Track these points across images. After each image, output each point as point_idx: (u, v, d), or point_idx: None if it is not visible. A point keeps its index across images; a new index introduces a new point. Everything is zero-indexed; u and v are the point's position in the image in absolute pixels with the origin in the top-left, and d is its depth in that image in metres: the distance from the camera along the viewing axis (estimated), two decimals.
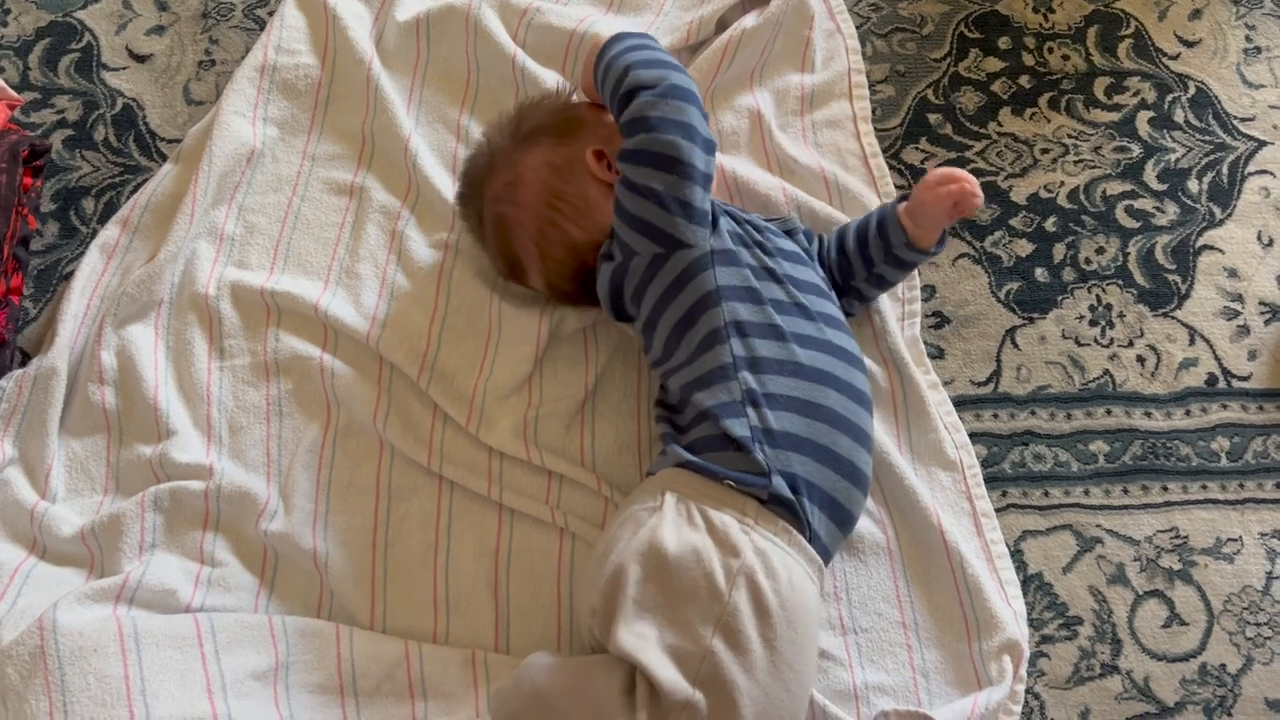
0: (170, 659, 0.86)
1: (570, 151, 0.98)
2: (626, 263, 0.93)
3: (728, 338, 0.88)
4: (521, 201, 0.97)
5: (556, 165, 0.97)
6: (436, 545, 0.97)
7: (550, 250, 0.98)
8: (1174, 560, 0.98)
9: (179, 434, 0.99)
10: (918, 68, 1.20)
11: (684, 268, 0.90)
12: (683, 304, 0.90)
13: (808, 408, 0.87)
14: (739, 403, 0.86)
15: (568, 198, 0.96)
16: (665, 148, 0.89)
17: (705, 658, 0.77)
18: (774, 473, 0.84)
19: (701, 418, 0.88)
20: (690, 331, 0.90)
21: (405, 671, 0.90)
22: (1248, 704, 0.93)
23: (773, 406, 0.86)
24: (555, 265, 0.98)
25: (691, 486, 0.84)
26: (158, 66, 1.19)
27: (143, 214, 1.09)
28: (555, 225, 0.97)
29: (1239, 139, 1.17)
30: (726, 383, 0.87)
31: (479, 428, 0.99)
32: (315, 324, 1.04)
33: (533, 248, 0.98)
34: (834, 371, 0.89)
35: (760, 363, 0.87)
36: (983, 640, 0.92)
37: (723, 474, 0.84)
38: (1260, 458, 1.02)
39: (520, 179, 0.97)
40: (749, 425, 0.85)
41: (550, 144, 0.98)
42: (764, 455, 0.84)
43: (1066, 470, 1.02)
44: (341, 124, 1.15)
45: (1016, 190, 1.14)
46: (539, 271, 0.99)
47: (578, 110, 1.02)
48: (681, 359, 0.91)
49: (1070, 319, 1.08)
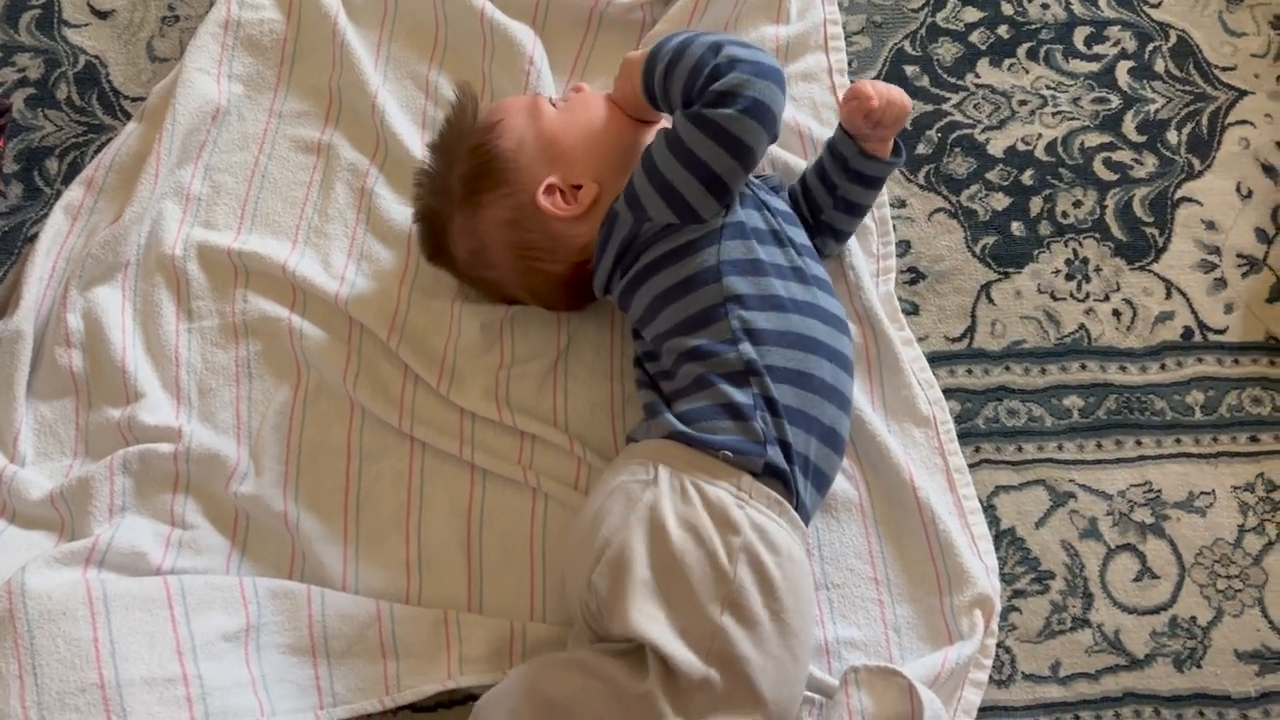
0: (140, 621, 0.86)
1: (518, 200, 0.93)
2: (639, 226, 0.90)
3: (727, 313, 0.87)
4: (494, 263, 0.96)
5: (512, 220, 0.94)
6: (408, 506, 0.97)
7: (538, 288, 0.98)
8: (1146, 514, 0.98)
9: (147, 396, 0.98)
10: (895, 18, 1.18)
11: (690, 239, 0.89)
12: (679, 273, 0.89)
13: (801, 378, 0.86)
14: (740, 373, 0.86)
15: (536, 244, 0.95)
16: (746, 132, 0.85)
17: (716, 635, 0.77)
18: (770, 443, 0.84)
19: (699, 385, 0.87)
20: (683, 300, 0.89)
21: (377, 632, 0.91)
22: (1217, 655, 0.94)
23: (773, 378, 0.85)
24: (546, 295, 0.99)
25: (683, 459, 0.83)
26: (120, 23, 1.17)
27: (107, 174, 1.07)
28: (534, 270, 0.96)
29: (1219, 89, 1.15)
30: (726, 353, 0.86)
31: (450, 388, 0.99)
32: (284, 285, 1.03)
33: (523, 293, 0.99)
34: (826, 340, 0.89)
35: (759, 334, 0.87)
36: (954, 595, 0.92)
37: (719, 445, 0.83)
38: (1234, 411, 1.02)
39: (484, 245, 0.96)
40: (751, 394, 0.85)
41: (495, 198, 0.94)
42: (763, 425, 0.84)
43: (1040, 425, 1.01)
44: (308, 80, 1.13)
45: (994, 143, 1.12)
46: (534, 301, 1.00)
47: (498, 147, 0.94)
48: (674, 326, 0.90)
49: (1046, 273, 1.07)
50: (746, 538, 0.80)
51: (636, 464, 0.85)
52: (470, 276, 1.00)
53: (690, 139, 0.86)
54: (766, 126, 0.86)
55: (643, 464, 0.84)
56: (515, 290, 0.99)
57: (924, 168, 1.11)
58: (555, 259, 0.95)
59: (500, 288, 1.00)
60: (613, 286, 0.95)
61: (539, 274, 0.96)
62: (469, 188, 0.95)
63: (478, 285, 1.01)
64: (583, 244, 0.95)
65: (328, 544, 0.95)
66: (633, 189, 0.90)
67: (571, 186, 0.93)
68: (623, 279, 0.93)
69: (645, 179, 0.89)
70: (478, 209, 0.95)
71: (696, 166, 0.87)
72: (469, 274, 1.00)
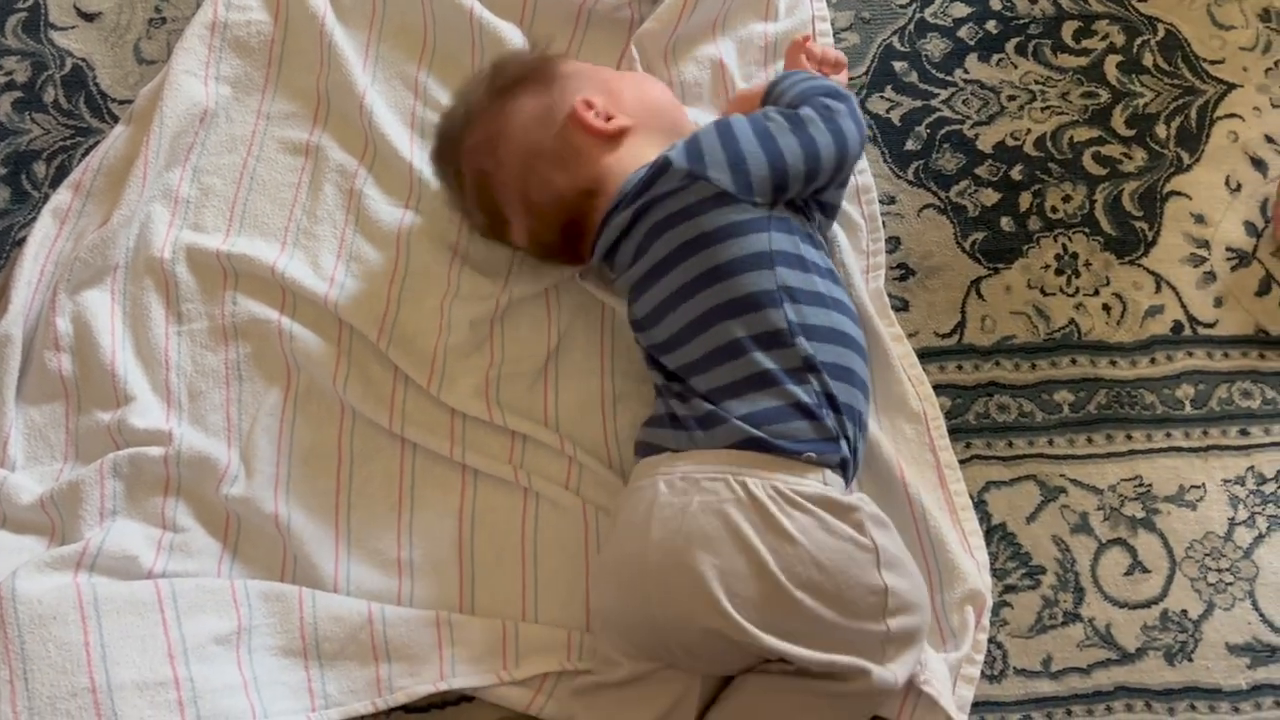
0: (131, 625, 0.86)
1: (553, 100, 0.95)
2: (690, 184, 0.89)
3: (780, 302, 0.87)
4: (503, 157, 0.95)
5: (539, 116, 0.94)
6: (400, 507, 0.97)
7: (537, 203, 0.95)
8: (1137, 508, 0.99)
9: (137, 400, 0.98)
10: (883, 14, 1.18)
11: (735, 221, 0.88)
12: (728, 252, 0.87)
13: (847, 374, 0.88)
14: (800, 369, 0.86)
15: (551, 150, 0.94)
16: (841, 149, 0.92)
17: (885, 596, 0.81)
18: (840, 438, 0.85)
19: (762, 382, 0.85)
20: (731, 281, 0.87)
21: (369, 634, 0.90)
22: (1208, 649, 0.94)
23: (831, 375, 0.86)
24: (542, 218, 0.96)
25: (762, 464, 0.83)
26: (107, 25, 1.17)
27: (95, 177, 1.07)
28: (541, 177, 0.94)
29: (1208, 82, 1.15)
30: (784, 348, 0.86)
31: (440, 388, 0.99)
32: (273, 286, 1.03)
33: (518, 203, 0.95)
34: (855, 337, 0.91)
35: (812, 330, 0.87)
36: (945, 591, 0.92)
37: (801, 450, 0.83)
38: (1224, 404, 1.02)
39: (501, 132, 0.95)
40: (813, 391, 0.85)
41: (531, 94, 0.96)
42: (832, 423, 0.85)
43: (1031, 420, 1.01)
44: (296, 82, 1.12)
45: (983, 139, 1.12)
46: (523, 226, 0.97)
47: (557, 61, 0.99)
48: (715, 309, 0.87)
49: (1036, 268, 1.07)
50: (864, 509, 0.83)
51: (710, 479, 0.82)
52: (472, 171, 0.96)
53: (776, 128, 0.90)
54: (851, 148, 0.93)
55: (719, 478, 0.82)
56: (510, 196, 0.95)
57: (913, 164, 1.11)
58: (564, 171, 0.94)
59: (497, 191, 0.96)
60: (620, 253, 0.93)
61: (542, 186, 0.94)
62: (511, 82, 0.96)
63: (476, 186, 0.97)
64: (596, 172, 0.93)
65: (319, 545, 0.95)
66: (698, 143, 0.90)
67: (608, 115, 0.95)
68: (650, 245, 0.91)
69: (720, 138, 0.90)
70: (511, 99, 0.95)
71: (772, 150, 0.89)
72: (472, 168, 0.96)
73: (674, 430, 0.88)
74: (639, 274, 0.92)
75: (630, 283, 0.94)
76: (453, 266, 1.04)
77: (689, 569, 0.80)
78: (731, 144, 0.90)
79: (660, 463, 0.86)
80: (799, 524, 0.81)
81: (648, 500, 0.84)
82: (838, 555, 0.80)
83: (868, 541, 0.82)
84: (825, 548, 0.80)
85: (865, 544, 0.81)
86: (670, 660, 0.83)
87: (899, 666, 0.81)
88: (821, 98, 0.94)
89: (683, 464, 0.84)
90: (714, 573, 0.79)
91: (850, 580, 0.80)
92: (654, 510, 0.83)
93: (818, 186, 0.93)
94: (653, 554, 0.81)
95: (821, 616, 0.79)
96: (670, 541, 0.81)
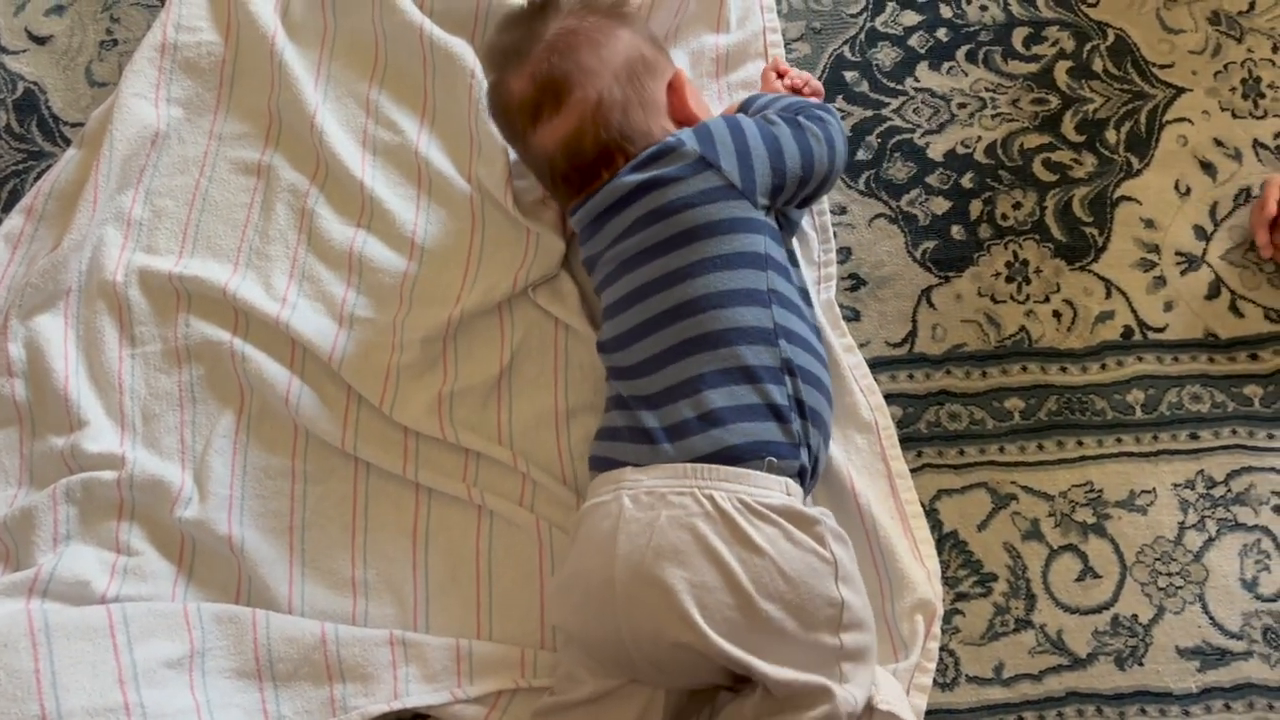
0: (82, 651, 0.86)
1: (658, 56, 0.97)
2: (700, 170, 0.90)
3: (769, 303, 0.88)
4: (602, 54, 0.94)
5: (645, 58, 0.96)
6: (354, 526, 0.98)
7: (600, 115, 0.92)
8: (1088, 514, 0.99)
9: (90, 424, 0.98)
10: (834, 23, 1.18)
11: (739, 217, 0.90)
12: (719, 247, 0.89)
13: (818, 382, 0.90)
14: (777, 369, 0.87)
15: (645, 88, 0.94)
16: (831, 159, 0.95)
17: (841, 609, 0.82)
18: (803, 445, 0.86)
19: (742, 377, 0.86)
20: (732, 273, 0.88)
21: (323, 654, 0.91)
22: (1159, 652, 0.95)
23: (804, 379, 0.88)
24: (590, 133, 0.93)
25: (726, 475, 0.83)
26: (58, 48, 1.17)
27: (47, 201, 1.07)
28: (623, 97, 0.93)
29: (1157, 86, 1.15)
30: (769, 346, 0.87)
31: (392, 406, 0.99)
32: (225, 308, 1.03)
33: (582, 100, 0.92)
34: (821, 351, 0.93)
35: (792, 335, 0.89)
36: (895, 601, 0.93)
37: (763, 450, 0.84)
38: (1174, 409, 1.03)
39: (613, 36, 0.95)
40: (786, 394, 0.86)
41: (642, 36, 0.97)
42: (798, 428, 0.86)
43: (982, 428, 1.02)
44: (247, 101, 1.12)
45: (933, 147, 1.13)
46: (568, 127, 0.93)
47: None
48: (716, 295, 0.88)
49: (987, 276, 1.08)
50: (826, 523, 0.84)
51: (677, 494, 0.83)
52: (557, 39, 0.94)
53: (778, 130, 0.93)
54: (839, 160, 0.96)
55: (686, 492, 0.83)
56: (575, 93, 0.93)
57: (864, 173, 1.11)
58: (640, 110, 0.93)
59: (569, 79, 0.93)
60: (610, 224, 0.92)
61: (616, 105, 0.92)
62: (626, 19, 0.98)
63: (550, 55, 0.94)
64: (650, 138, 0.93)
65: (273, 566, 0.95)
66: (709, 131, 0.92)
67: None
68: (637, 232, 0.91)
69: (726, 130, 0.92)
70: (625, 25, 0.97)
71: (774, 150, 0.92)
72: (566, 41, 0.94)
73: (634, 444, 0.87)
74: (627, 253, 0.91)
75: (614, 262, 0.93)
76: (404, 284, 1.04)
77: (660, 584, 0.80)
78: (739, 137, 0.92)
79: (622, 477, 0.86)
80: (765, 535, 0.81)
81: (612, 515, 0.84)
82: (801, 566, 0.81)
83: (828, 554, 0.83)
84: (790, 558, 0.81)
85: (826, 556, 0.83)
86: (635, 675, 0.84)
87: (856, 688, 0.81)
88: (814, 109, 0.97)
89: (646, 478, 0.85)
90: (685, 586, 0.80)
91: (810, 591, 0.81)
92: (619, 525, 0.83)
93: (802, 194, 0.95)
94: (620, 570, 0.81)
95: (784, 629, 0.80)
96: (639, 556, 0.81)
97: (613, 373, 0.94)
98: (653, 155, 0.92)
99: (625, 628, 0.81)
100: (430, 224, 1.07)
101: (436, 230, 1.07)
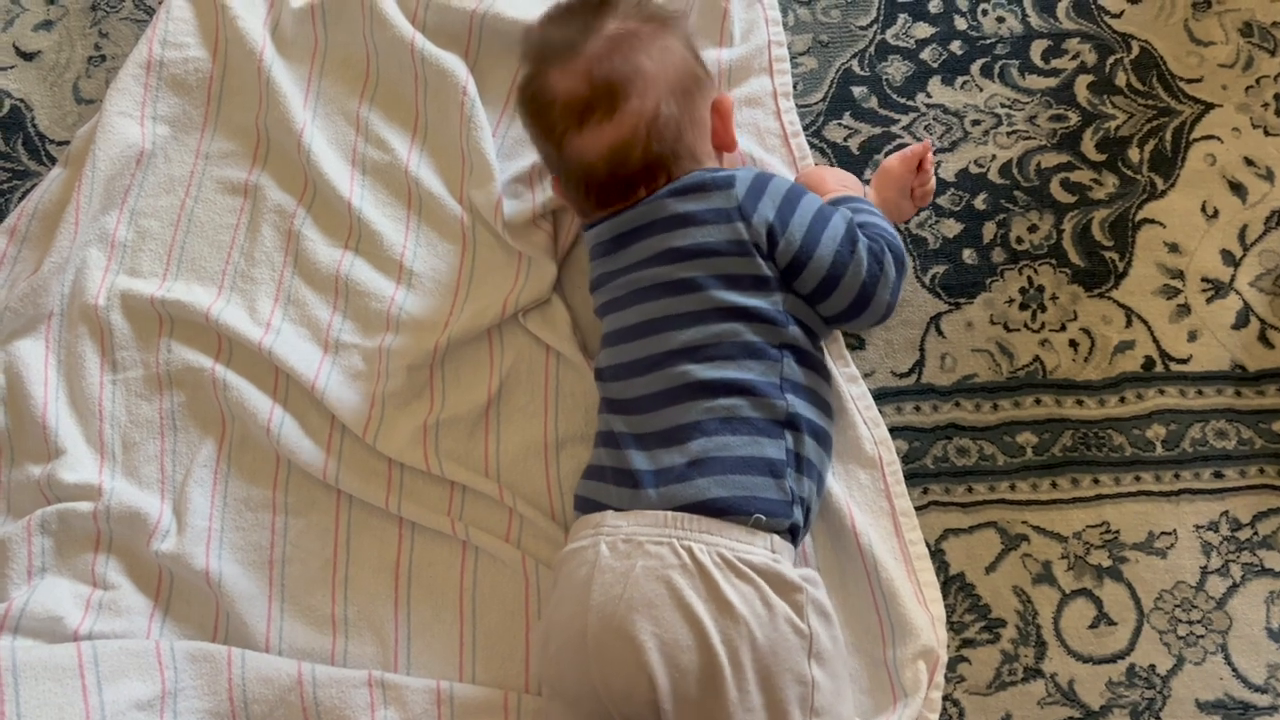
0: (49, 692, 0.84)
1: (707, 76, 0.94)
2: (733, 220, 0.86)
3: (780, 358, 0.85)
4: (662, 60, 0.89)
5: (698, 75, 0.92)
6: (335, 561, 0.95)
7: (653, 125, 0.87)
8: (1103, 557, 0.94)
9: (68, 453, 0.96)
10: (842, 36, 1.14)
11: (762, 275, 0.86)
12: (742, 299, 0.85)
13: (824, 438, 0.86)
14: (779, 423, 0.83)
15: (695, 105, 0.90)
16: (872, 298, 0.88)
17: (812, 688, 0.77)
18: (795, 503, 0.82)
19: (733, 427, 0.82)
20: (746, 324, 0.85)
21: (299, 695, 0.88)
22: (1177, 706, 0.90)
23: (808, 432, 0.84)
24: (642, 142, 0.87)
25: (711, 528, 0.79)
26: (45, 64, 1.14)
27: (30, 222, 1.05)
28: (676, 109, 0.88)
29: (1184, 102, 1.10)
30: (774, 400, 0.83)
31: (376, 437, 0.96)
32: (208, 333, 1.01)
33: (640, 107, 0.87)
34: (831, 401, 0.89)
35: (800, 389, 0.85)
36: (897, 647, 0.88)
37: (752, 508, 0.80)
38: (1198, 445, 0.97)
39: (669, 48, 0.90)
40: (783, 448, 0.82)
41: (693, 55, 0.93)
42: (792, 483, 0.82)
43: (992, 464, 0.97)
44: (235, 119, 1.10)
45: (945, 167, 1.08)
46: (620, 133, 0.87)
47: None
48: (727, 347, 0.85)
49: (999, 303, 1.03)
50: (808, 591, 0.79)
51: (655, 543, 0.79)
52: (618, 38, 0.89)
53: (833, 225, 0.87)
54: (875, 308, 0.89)
55: (664, 542, 0.79)
56: (633, 98, 0.87)
57: None
58: (688, 131, 0.89)
59: (626, 81, 0.87)
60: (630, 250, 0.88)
61: (670, 118, 0.87)
62: (678, 29, 0.93)
63: (610, 52, 0.88)
64: (692, 158, 0.89)
65: (251, 602, 0.92)
66: (763, 183, 0.88)
67: None
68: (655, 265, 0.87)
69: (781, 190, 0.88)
70: (676, 36, 0.92)
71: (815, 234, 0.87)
72: (622, 32, 0.89)
73: (617, 486, 0.84)
74: (642, 282, 0.88)
75: (626, 288, 0.89)
76: (390, 309, 1.01)
77: (629, 638, 0.77)
78: (790, 204, 0.87)
79: (602, 521, 0.82)
80: (741, 593, 0.77)
81: (589, 563, 0.80)
82: (772, 633, 0.77)
83: (804, 627, 0.78)
84: (762, 622, 0.77)
85: (801, 629, 0.78)
86: None
87: None
88: (886, 242, 0.89)
89: (626, 524, 0.81)
90: (655, 644, 0.76)
91: (779, 664, 0.77)
92: (595, 574, 0.80)
93: (821, 314, 0.89)
94: (593, 620, 0.78)
95: (750, 702, 0.76)
96: (611, 608, 0.78)
97: (606, 404, 0.90)
98: (698, 185, 0.87)
99: (598, 681, 0.78)
100: (419, 246, 1.04)
101: (426, 253, 1.04)
